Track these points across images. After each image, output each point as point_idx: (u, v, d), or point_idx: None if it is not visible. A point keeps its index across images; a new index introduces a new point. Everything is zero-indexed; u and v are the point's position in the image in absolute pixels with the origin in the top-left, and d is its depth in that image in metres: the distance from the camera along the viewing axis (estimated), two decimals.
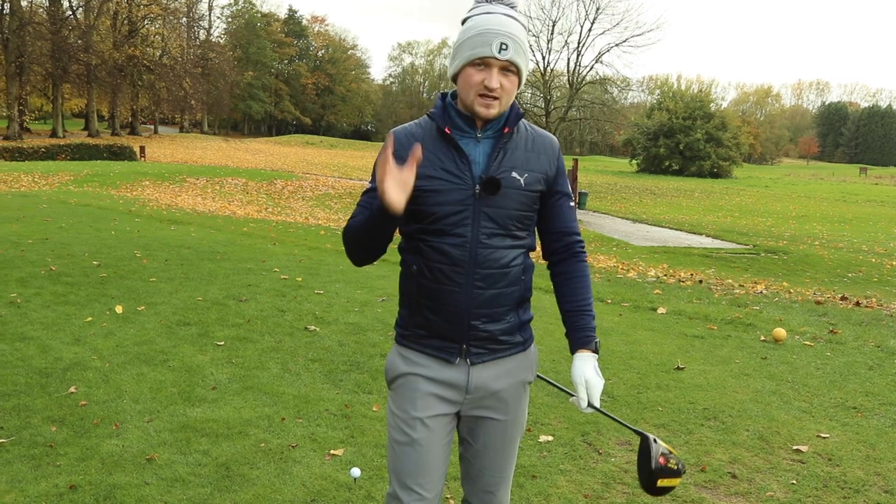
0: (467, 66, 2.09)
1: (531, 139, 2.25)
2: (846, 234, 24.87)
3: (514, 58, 2.07)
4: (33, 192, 20.14)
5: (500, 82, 2.07)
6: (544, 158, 2.24)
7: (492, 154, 2.15)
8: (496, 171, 2.13)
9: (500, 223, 2.15)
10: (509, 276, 2.18)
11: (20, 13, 52.12)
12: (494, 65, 2.06)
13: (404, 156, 2.03)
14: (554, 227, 2.32)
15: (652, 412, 4.75)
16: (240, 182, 31.18)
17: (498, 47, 2.04)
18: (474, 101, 2.09)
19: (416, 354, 2.23)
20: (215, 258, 9.63)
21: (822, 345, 6.53)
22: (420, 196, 2.09)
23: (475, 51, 2.06)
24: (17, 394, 4.66)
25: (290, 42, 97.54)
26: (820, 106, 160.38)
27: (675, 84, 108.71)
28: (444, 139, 2.15)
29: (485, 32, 2.05)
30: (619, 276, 10.80)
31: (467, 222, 2.12)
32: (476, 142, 2.17)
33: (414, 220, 2.16)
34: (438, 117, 2.18)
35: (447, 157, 2.14)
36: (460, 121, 2.17)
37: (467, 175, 2.12)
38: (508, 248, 2.17)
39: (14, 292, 7.23)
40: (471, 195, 2.12)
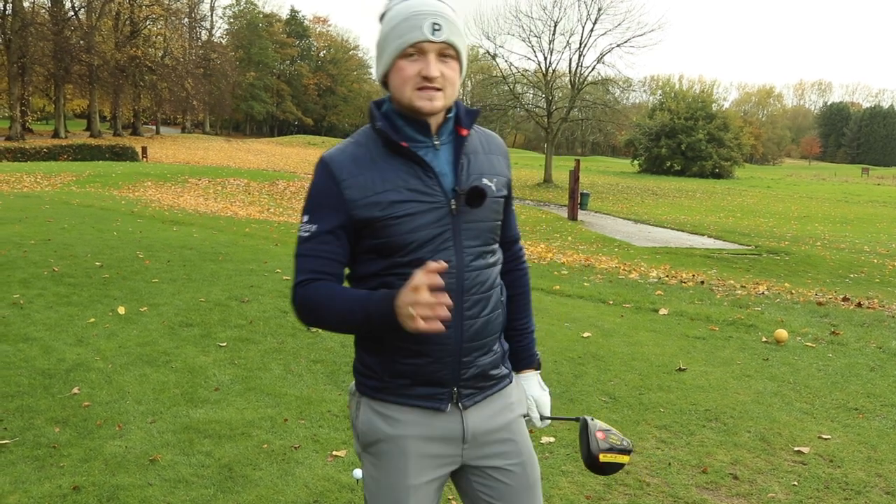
0: (398, 60, 1.79)
1: (485, 140, 2.01)
2: (848, 234, 24.87)
3: (450, 38, 1.79)
4: (36, 192, 20.18)
5: (439, 70, 1.79)
6: (502, 160, 2.02)
7: (457, 161, 1.88)
8: (467, 180, 1.87)
9: (481, 239, 1.90)
10: (493, 299, 1.94)
11: (22, 14, 52.20)
12: (430, 49, 1.77)
13: (354, 181, 1.80)
14: (505, 235, 2.09)
15: (653, 413, 4.75)
16: (242, 183, 31.22)
17: (430, 28, 1.76)
18: (412, 95, 1.79)
19: (398, 410, 1.89)
20: (217, 259, 9.64)
21: (823, 346, 6.54)
22: (387, 227, 1.80)
23: (404, 38, 1.77)
24: (21, 395, 4.67)
25: (291, 42, 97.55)
26: (822, 106, 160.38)
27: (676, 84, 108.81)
28: (399, 154, 1.84)
29: (411, 16, 1.78)
30: (621, 277, 10.81)
31: (448, 245, 1.83)
32: (435, 150, 1.88)
33: (382, 256, 1.84)
34: (387, 128, 1.84)
35: (409, 173, 1.82)
36: (410, 129, 1.86)
37: (437, 191, 1.83)
38: (491, 267, 1.94)
39: (17, 293, 7.25)
40: (446, 213, 1.83)
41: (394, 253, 1.82)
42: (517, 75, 50.83)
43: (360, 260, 1.90)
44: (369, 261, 1.87)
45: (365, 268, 1.89)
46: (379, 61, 1.88)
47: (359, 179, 1.81)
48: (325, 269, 1.85)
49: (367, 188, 1.80)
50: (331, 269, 1.86)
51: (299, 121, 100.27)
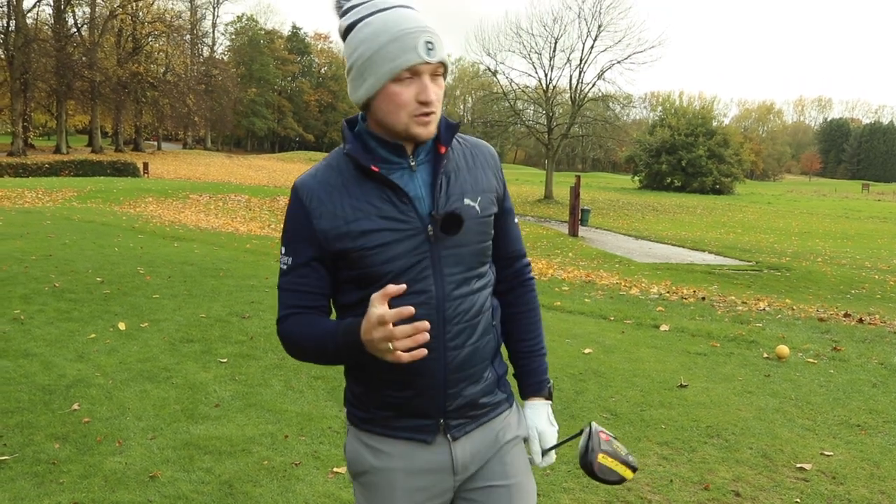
0: (390, 84, 1.64)
1: (469, 153, 1.85)
2: (849, 250, 24.88)
3: (443, 56, 1.66)
4: (37, 208, 20.21)
5: (434, 92, 1.66)
6: (490, 173, 1.86)
7: (434, 183, 1.73)
8: (447, 204, 1.73)
9: (465, 264, 1.76)
10: (482, 325, 1.80)
11: (26, 30, 52.45)
12: (425, 72, 1.64)
13: (324, 210, 1.69)
14: (503, 251, 1.95)
15: (655, 430, 4.74)
16: (243, 199, 31.27)
17: (425, 48, 1.62)
18: (409, 123, 1.66)
19: (383, 441, 1.81)
20: (218, 275, 9.64)
21: (825, 362, 6.52)
22: (361, 258, 1.69)
23: (399, 60, 1.61)
24: (21, 410, 4.66)
25: (293, 59, 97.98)
26: (822, 122, 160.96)
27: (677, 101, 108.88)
28: (370, 179, 1.71)
29: (402, 35, 1.62)
30: (622, 293, 10.80)
31: (427, 274, 1.70)
32: (411, 172, 1.74)
33: (359, 286, 1.73)
34: (358, 153, 1.71)
35: (382, 199, 1.69)
36: (384, 151, 1.73)
37: (413, 217, 1.70)
38: (477, 292, 1.79)
39: (18, 309, 7.25)
40: (423, 240, 1.70)
41: (371, 283, 1.69)
42: (518, 91, 51.02)
43: (342, 289, 1.80)
44: (349, 290, 1.78)
45: (346, 297, 1.80)
46: (359, 83, 1.70)
47: (328, 208, 1.70)
48: (304, 303, 1.78)
49: (337, 217, 1.69)
50: (311, 301, 1.78)
51: (300, 137, 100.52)
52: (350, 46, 1.69)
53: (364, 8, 1.69)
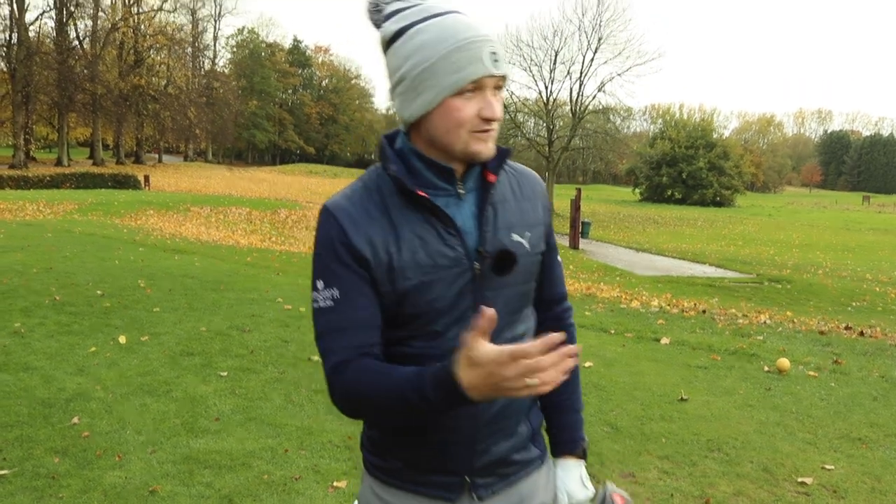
0: (450, 98, 1.44)
1: (516, 182, 1.66)
2: (850, 262, 24.87)
3: (506, 69, 1.49)
4: (38, 220, 20.23)
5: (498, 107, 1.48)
6: (538, 206, 1.67)
7: (481, 214, 1.54)
8: (494, 238, 1.53)
9: (509, 308, 1.57)
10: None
11: (28, 43, 52.66)
12: (489, 85, 1.46)
13: (364, 239, 1.47)
14: (544, 294, 1.76)
15: (655, 444, 4.73)
16: (244, 211, 31.31)
17: (491, 59, 1.44)
18: (469, 140, 1.46)
19: (399, 496, 1.61)
20: (219, 288, 9.64)
21: (826, 375, 6.52)
22: (398, 295, 1.49)
23: (463, 72, 1.42)
24: (20, 424, 4.65)
25: (294, 72, 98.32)
26: (822, 134, 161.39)
27: (677, 113, 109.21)
28: (414, 205, 1.50)
29: (466, 44, 1.43)
30: (623, 306, 10.80)
31: (469, 316, 1.49)
32: (458, 200, 1.54)
33: (393, 326, 1.53)
34: (402, 173, 1.51)
35: (427, 230, 1.49)
36: (431, 174, 1.52)
37: (461, 252, 1.50)
38: (519, 338, 1.60)
39: (18, 322, 7.25)
40: (469, 279, 1.51)
41: (405, 323, 1.51)
42: (518, 104, 51.19)
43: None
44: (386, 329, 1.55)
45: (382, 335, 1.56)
46: (411, 96, 1.48)
47: (368, 234, 1.48)
48: (367, 341, 1.49)
49: (377, 247, 1.47)
50: (372, 337, 1.50)
51: (301, 149, 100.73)
52: (399, 56, 1.48)
53: (413, 13, 1.48)
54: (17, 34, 52.91)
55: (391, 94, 1.54)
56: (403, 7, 1.50)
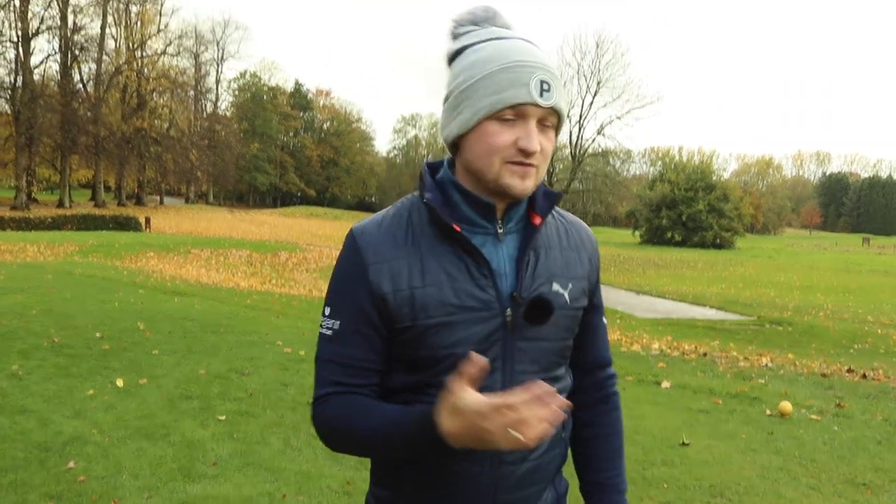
0: (488, 121, 1.35)
1: (564, 230, 1.55)
2: (851, 304, 24.81)
3: (558, 103, 1.37)
4: (39, 262, 20.25)
5: (539, 142, 1.36)
6: (585, 258, 1.55)
7: (521, 258, 1.43)
8: (533, 285, 1.43)
9: (541, 363, 1.45)
10: (550, 438, 1.45)
11: (32, 86, 53.21)
12: (532, 115, 1.34)
13: (386, 269, 1.38)
14: (585, 355, 1.63)
15: (657, 489, 4.68)
16: (244, 254, 31.34)
17: (538, 87, 1.33)
18: (501, 171, 1.35)
19: None
20: (218, 331, 9.62)
21: (829, 419, 6.47)
22: (419, 335, 1.38)
23: (504, 94, 1.33)
24: (15, 468, 4.61)
25: (295, 115, 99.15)
26: (821, 176, 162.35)
27: (676, 156, 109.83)
28: (448, 239, 1.40)
29: (515, 66, 1.34)
30: (623, 349, 10.76)
31: (495, 367, 1.38)
32: (496, 240, 1.44)
33: (409, 370, 1.43)
34: (438, 204, 1.40)
35: (458, 267, 1.39)
36: (469, 208, 1.42)
37: (492, 295, 1.39)
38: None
39: (16, 364, 7.21)
40: (500, 326, 1.39)
41: (425, 368, 1.40)
42: None
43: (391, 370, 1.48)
44: (393, 372, 1.46)
45: (389, 379, 1.47)
46: (452, 115, 1.41)
47: (392, 266, 1.39)
48: (353, 381, 1.43)
49: (400, 279, 1.38)
50: (361, 378, 1.44)
51: (302, 192, 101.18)
52: (452, 73, 1.43)
53: (479, 34, 1.43)
54: (22, 77, 53.48)
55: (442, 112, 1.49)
56: (473, 29, 1.45)
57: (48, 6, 55.33)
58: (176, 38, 69.69)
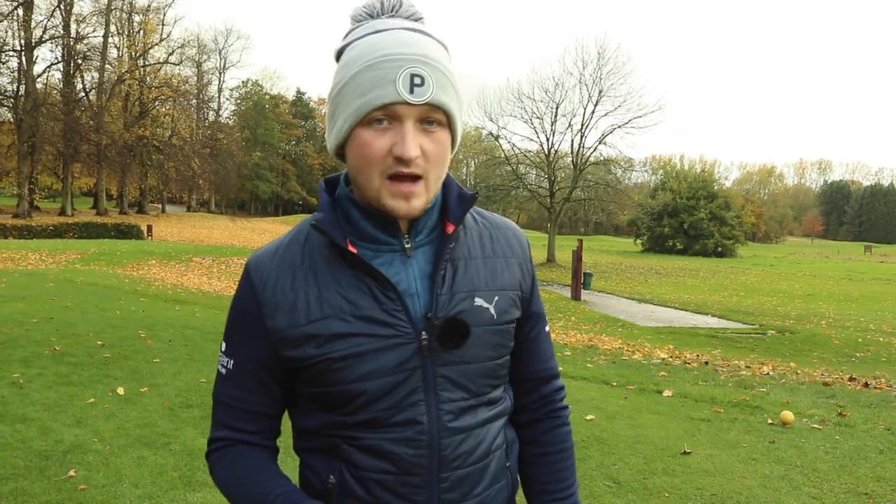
0: (359, 128, 1.20)
1: (488, 236, 1.39)
2: (853, 312, 24.78)
3: (437, 97, 1.19)
4: (40, 270, 20.26)
5: (418, 146, 1.18)
6: (514, 264, 1.41)
7: (435, 272, 1.29)
8: (451, 303, 1.28)
9: (470, 389, 1.30)
10: (491, 469, 1.35)
11: (35, 95, 53.28)
12: (406, 116, 1.17)
13: (280, 302, 1.26)
14: (527, 369, 1.47)
15: (658, 499, 4.66)
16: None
17: (408, 82, 1.16)
18: (381, 189, 1.21)
19: None
20: (219, 339, 9.59)
21: (830, 428, 6.45)
22: (326, 371, 1.24)
23: (369, 96, 1.17)
24: (16, 477, 4.60)
25: (297, 123, 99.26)
26: (822, 184, 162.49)
27: (678, 164, 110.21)
28: (347, 263, 1.26)
29: (379, 62, 1.18)
30: (625, 357, 10.75)
31: (417, 399, 1.26)
32: (404, 257, 1.29)
33: (323, 409, 1.30)
34: (329, 224, 1.25)
35: (360, 292, 1.25)
36: (370, 224, 1.28)
37: (402, 318, 1.25)
38: (485, 424, 1.34)
39: (17, 372, 7.21)
40: (415, 352, 1.25)
41: (339, 406, 1.27)
42: (520, 156, 51.62)
43: (300, 408, 1.36)
44: (309, 412, 1.33)
45: (307, 420, 1.34)
46: (331, 126, 1.27)
47: (287, 298, 1.26)
48: (244, 426, 1.34)
49: (297, 313, 1.25)
50: (253, 425, 1.35)
51: (304, 200, 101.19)
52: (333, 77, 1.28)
53: (362, 28, 1.26)
54: (24, 86, 53.60)
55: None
56: (358, 24, 1.28)
57: (51, 16, 55.48)
58: (178, 47, 69.84)
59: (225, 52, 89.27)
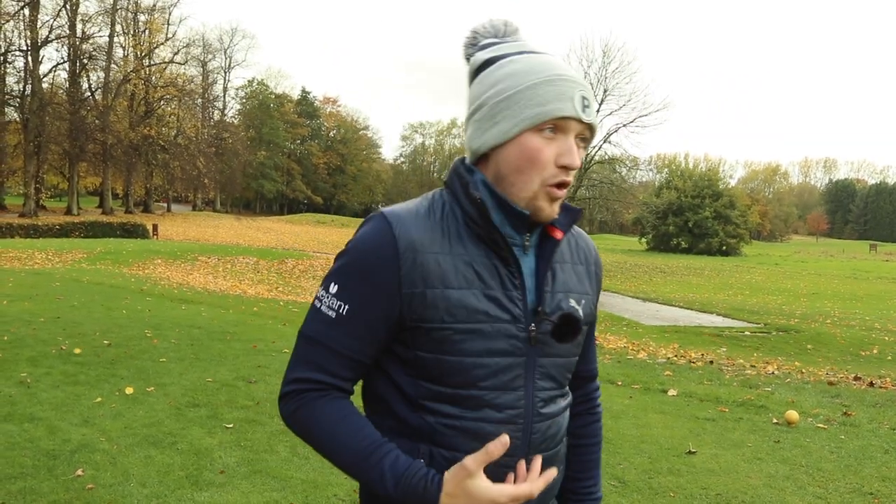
0: (529, 133, 1.30)
1: (574, 244, 1.51)
2: (858, 311, 24.74)
3: (595, 121, 1.36)
4: (47, 269, 20.31)
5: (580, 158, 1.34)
6: (593, 271, 1.53)
7: (543, 272, 1.38)
8: (552, 301, 1.38)
9: (557, 380, 1.41)
10: (560, 455, 1.48)
11: (41, 94, 53.42)
12: (572, 130, 1.32)
13: (419, 262, 1.29)
14: (581, 369, 1.61)
15: (663, 498, 4.68)
16: (251, 261, 31.36)
17: (581, 103, 1.31)
18: (539, 192, 1.31)
19: None
20: (225, 338, 9.64)
21: (835, 427, 6.45)
22: (444, 340, 1.29)
23: (550, 107, 1.29)
24: (24, 476, 4.63)
25: (302, 122, 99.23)
26: (827, 183, 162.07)
27: (683, 163, 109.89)
28: (485, 244, 1.33)
29: (558, 80, 1.31)
30: (630, 356, 10.75)
31: (519, 385, 1.34)
32: (522, 252, 1.37)
33: (420, 377, 1.33)
34: (489, 202, 1.34)
35: (492, 274, 1.32)
36: (501, 216, 1.34)
37: (520, 308, 1.33)
38: (561, 414, 1.45)
39: (24, 371, 7.24)
40: (524, 340, 1.33)
41: (441, 379, 1.31)
42: None
43: (380, 371, 1.38)
44: (401, 378, 1.35)
45: (385, 387, 1.37)
46: (487, 125, 1.34)
47: (428, 260, 1.29)
48: (343, 373, 1.35)
49: (434, 276, 1.28)
50: (353, 372, 1.36)
51: (309, 199, 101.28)
52: (484, 83, 1.37)
53: (509, 46, 1.39)
54: (31, 86, 53.76)
55: (466, 122, 1.41)
56: (500, 42, 1.41)
57: (57, 16, 55.65)
58: (184, 46, 69.95)
59: (230, 52, 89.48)
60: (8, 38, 54.18)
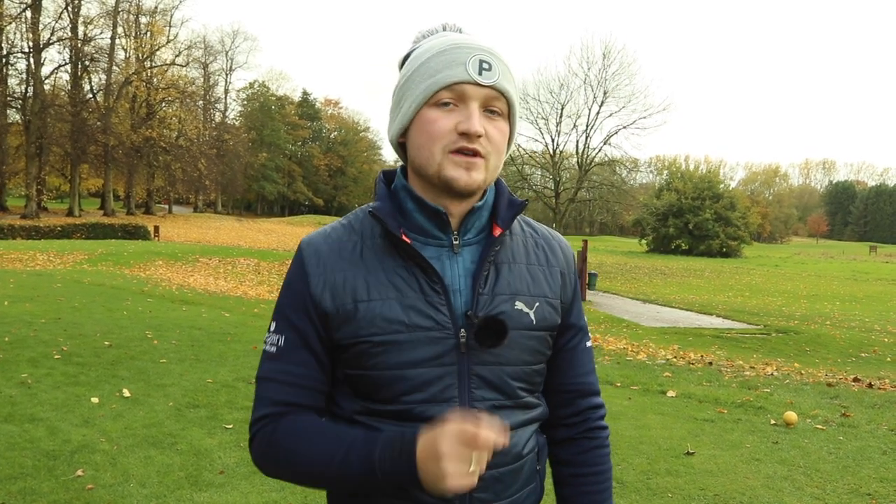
0: (426, 108, 1.26)
1: (533, 244, 1.42)
2: (858, 313, 24.73)
3: (502, 83, 1.26)
4: (48, 270, 20.33)
5: (484, 127, 1.25)
6: (556, 273, 1.42)
7: (479, 272, 1.31)
8: (491, 304, 1.30)
9: (504, 390, 1.31)
10: (523, 473, 1.36)
11: (43, 96, 53.46)
12: (473, 97, 1.25)
13: (329, 282, 1.28)
14: (564, 382, 1.46)
15: (661, 499, 4.69)
16: (252, 262, 31.36)
17: (476, 66, 1.24)
18: (443, 161, 1.25)
19: None
20: (226, 339, 9.66)
21: (834, 428, 6.47)
22: (363, 355, 1.26)
23: (439, 76, 1.25)
24: (24, 476, 4.65)
25: (303, 124, 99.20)
26: (827, 185, 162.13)
27: (683, 164, 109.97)
28: (398, 252, 1.30)
29: (450, 49, 1.27)
30: (629, 358, 10.76)
31: (451, 395, 1.27)
32: (451, 254, 1.32)
33: (357, 394, 1.31)
34: (386, 213, 1.30)
35: (408, 282, 1.28)
36: (422, 217, 1.31)
37: (444, 313, 1.27)
38: (518, 428, 1.34)
39: (25, 372, 7.26)
40: (452, 347, 1.27)
41: (371, 394, 1.28)
42: (525, 157, 51.52)
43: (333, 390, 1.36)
44: (339, 396, 1.34)
45: (337, 403, 1.35)
46: (395, 115, 1.33)
47: (335, 278, 1.28)
48: (300, 401, 1.32)
49: (344, 294, 1.27)
50: (309, 399, 1.33)
51: (310, 201, 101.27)
52: (397, 79, 1.36)
53: (428, 39, 1.36)
54: (33, 87, 53.80)
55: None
56: (424, 36, 1.39)
57: (59, 18, 55.70)
58: (185, 48, 70.00)
59: (231, 54, 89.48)
60: (10, 40, 54.28)
